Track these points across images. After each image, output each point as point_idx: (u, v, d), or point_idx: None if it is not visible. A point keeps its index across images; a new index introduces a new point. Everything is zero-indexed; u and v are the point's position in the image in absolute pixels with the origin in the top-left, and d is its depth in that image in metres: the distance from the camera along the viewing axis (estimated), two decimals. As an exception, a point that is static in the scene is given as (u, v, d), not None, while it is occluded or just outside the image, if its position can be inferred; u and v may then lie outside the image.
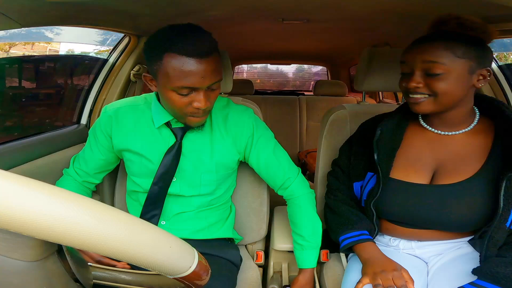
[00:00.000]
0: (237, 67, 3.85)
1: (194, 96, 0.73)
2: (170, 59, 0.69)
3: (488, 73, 0.73)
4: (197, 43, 0.69)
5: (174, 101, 0.74)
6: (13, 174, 0.30)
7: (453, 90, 0.72)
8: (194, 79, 0.70)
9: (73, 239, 0.31)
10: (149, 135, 0.87)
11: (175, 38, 0.69)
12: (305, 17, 1.24)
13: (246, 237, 1.09)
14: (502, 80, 1.26)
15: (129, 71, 1.38)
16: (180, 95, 0.72)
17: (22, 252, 0.34)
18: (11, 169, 0.89)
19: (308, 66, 4.32)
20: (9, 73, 1.41)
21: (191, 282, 0.43)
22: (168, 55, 0.69)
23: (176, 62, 0.69)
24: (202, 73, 0.70)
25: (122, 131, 0.88)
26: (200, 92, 0.73)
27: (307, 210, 0.94)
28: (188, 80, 0.70)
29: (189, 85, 0.70)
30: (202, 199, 0.92)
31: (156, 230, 0.39)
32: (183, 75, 0.69)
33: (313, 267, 0.95)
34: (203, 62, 0.70)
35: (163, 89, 0.74)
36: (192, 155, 0.88)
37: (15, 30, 0.76)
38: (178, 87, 0.71)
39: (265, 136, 0.92)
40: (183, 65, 0.69)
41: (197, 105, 0.73)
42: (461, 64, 0.70)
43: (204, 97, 0.73)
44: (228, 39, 1.87)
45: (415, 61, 0.73)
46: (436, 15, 0.77)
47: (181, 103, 0.74)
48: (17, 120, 1.38)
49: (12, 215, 0.28)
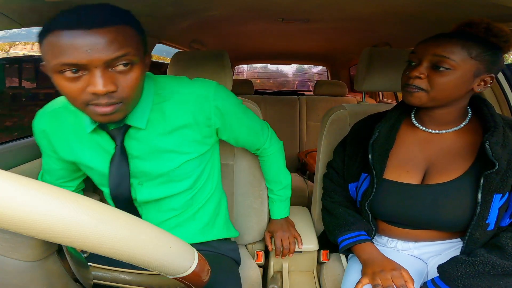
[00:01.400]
0: (237, 67, 3.84)
1: (88, 79, 0.57)
2: (51, 37, 0.56)
3: (490, 80, 0.72)
4: (83, 13, 0.56)
5: (64, 88, 0.58)
6: (13, 174, 0.30)
7: (452, 89, 0.71)
8: (77, 53, 0.55)
9: (73, 239, 0.31)
10: (88, 143, 0.75)
11: (59, 14, 0.57)
12: (305, 17, 1.24)
13: (246, 237, 1.09)
14: (502, 80, 1.26)
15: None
16: (68, 78, 0.57)
17: (22, 252, 0.34)
18: (11, 169, 0.89)
19: (308, 66, 4.33)
20: (9, 73, 1.41)
21: (191, 282, 0.43)
22: (49, 34, 0.56)
23: (55, 38, 0.55)
24: (89, 46, 0.55)
25: (62, 139, 0.76)
26: (94, 72, 0.57)
27: (278, 166, 1.00)
28: (69, 55, 0.55)
29: (71, 61, 0.55)
30: (182, 197, 0.83)
31: (156, 230, 0.39)
32: (63, 50, 0.55)
33: (285, 216, 1.05)
34: (92, 33, 0.55)
35: (52, 76, 0.59)
36: (144, 152, 0.75)
37: (15, 30, 0.76)
38: (59, 65, 0.56)
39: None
40: (63, 39, 0.55)
41: (91, 89, 0.57)
42: (471, 65, 0.69)
43: (102, 78, 0.57)
44: (228, 39, 1.87)
45: (426, 53, 0.72)
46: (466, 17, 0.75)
47: (73, 89, 0.58)
48: (17, 120, 1.38)
49: (12, 215, 0.28)
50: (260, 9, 1.11)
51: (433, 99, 0.73)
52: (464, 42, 0.69)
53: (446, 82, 0.70)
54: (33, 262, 0.35)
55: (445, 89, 0.71)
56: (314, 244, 1.04)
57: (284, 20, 1.28)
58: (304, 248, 1.02)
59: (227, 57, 1.06)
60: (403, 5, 0.94)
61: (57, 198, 0.31)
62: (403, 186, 0.80)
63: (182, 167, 0.78)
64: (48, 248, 0.37)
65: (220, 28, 0.87)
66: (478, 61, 0.69)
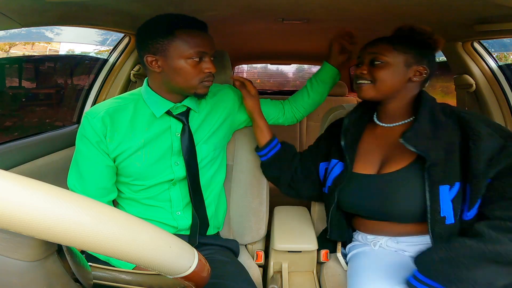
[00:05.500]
0: (237, 67, 3.84)
1: (203, 64, 0.83)
2: (182, 31, 0.80)
3: (424, 71, 0.84)
4: (197, 21, 0.84)
5: (188, 70, 0.82)
6: (13, 174, 0.30)
7: (390, 79, 0.83)
8: (205, 44, 0.82)
9: (73, 239, 0.31)
10: (148, 128, 0.88)
11: (179, 16, 0.82)
12: (305, 17, 1.24)
13: (246, 237, 1.10)
14: (502, 80, 1.26)
15: (129, 71, 1.38)
16: (193, 62, 0.82)
17: (22, 252, 0.34)
18: (11, 169, 0.89)
19: (308, 66, 4.32)
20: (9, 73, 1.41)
21: (191, 282, 0.43)
22: (179, 29, 0.80)
23: (189, 33, 0.81)
24: (208, 40, 0.84)
25: (118, 133, 0.85)
26: (208, 59, 0.84)
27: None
28: (201, 46, 0.81)
29: (202, 50, 0.82)
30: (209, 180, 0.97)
31: (156, 230, 0.39)
32: (196, 42, 0.81)
33: None
34: (206, 34, 0.85)
35: (174, 62, 0.81)
36: (197, 135, 0.93)
37: (15, 30, 0.76)
38: (193, 53, 0.81)
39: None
40: (195, 35, 0.81)
41: (208, 69, 0.84)
42: (398, 56, 0.83)
43: (212, 62, 0.85)
44: (228, 39, 1.87)
45: (365, 53, 0.87)
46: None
47: (195, 70, 0.82)
48: (17, 120, 1.38)
49: (12, 215, 0.28)
50: (260, 9, 1.11)
51: (379, 90, 0.85)
52: (391, 39, 0.85)
53: (383, 74, 0.83)
54: (33, 262, 0.35)
55: (385, 79, 0.84)
56: (314, 244, 1.04)
57: (284, 20, 1.28)
58: (304, 248, 1.03)
59: (227, 57, 1.06)
60: (403, 5, 0.95)
61: (58, 198, 0.31)
62: (361, 177, 0.87)
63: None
64: (48, 248, 0.37)
65: (220, 28, 0.87)
66: (404, 53, 0.83)
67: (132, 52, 1.37)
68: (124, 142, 0.86)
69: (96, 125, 0.83)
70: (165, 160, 0.89)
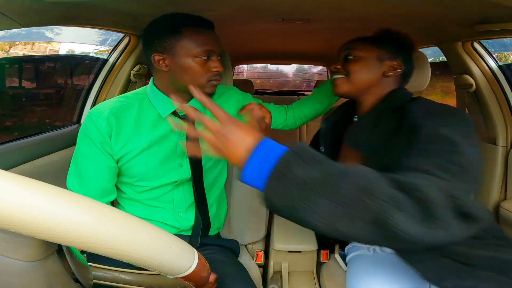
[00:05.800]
0: (237, 67, 3.84)
1: (211, 63, 0.83)
2: (190, 30, 0.80)
3: (399, 66, 0.85)
4: (204, 20, 0.83)
5: (195, 68, 0.81)
6: (13, 174, 0.30)
7: (364, 73, 0.85)
8: (213, 43, 0.82)
9: (73, 239, 0.31)
10: (153, 129, 0.86)
11: (186, 15, 0.81)
12: (305, 17, 1.24)
13: (246, 237, 1.10)
14: (502, 80, 1.26)
15: (129, 71, 1.38)
16: (201, 61, 0.81)
17: (22, 252, 0.34)
18: (11, 169, 0.89)
19: (308, 66, 4.33)
20: (9, 73, 1.41)
21: (191, 282, 0.43)
22: (187, 28, 0.80)
23: (197, 32, 0.80)
24: (215, 39, 0.83)
25: (123, 134, 0.84)
26: (215, 58, 0.83)
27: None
28: (208, 45, 0.81)
29: (210, 48, 0.81)
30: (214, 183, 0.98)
31: (156, 230, 0.39)
32: (204, 41, 0.80)
33: None
34: (213, 33, 0.84)
35: (182, 60, 0.80)
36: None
37: (15, 30, 0.76)
38: (200, 52, 0.80)
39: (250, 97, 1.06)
40: (203, 33, 0.81)
41: (216, 68, 0.83)
42: (371, 51, 0.85)
43: (219, 61, 0.84)
44: (228, 39, 1.87)
45: (341, 51, 0.91)
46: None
47: (203, 69, 0.82)
48: (17, 120, 1.39)
49: (12, 215, 0.28)
50: (260, 9, 1.11)
51: (353, 84, 0.86)
52: (366, 37, 0.88)
53: (357, 67, 0.85)
54: (33, 262, 0.35)
55: (358, 72, 0.85)
56: (314, 244, 1.04)
57: (284, 20, 1.28)
58: (304, 248, 1.02)
59: (227, 57, 1.06)
60: (403, 5, 0.95)
61: (58, 198, 0.31)
62: None
63: None
64: (48, 248, 0.36)
65: (220, 28, 0.87)
66: (377, 47, 0.85)
67: (132, 52, 1.37)
68: (129, 143, 0.84)
69: (101, 125, 0.81)
70: (170, 161, 0.88)
